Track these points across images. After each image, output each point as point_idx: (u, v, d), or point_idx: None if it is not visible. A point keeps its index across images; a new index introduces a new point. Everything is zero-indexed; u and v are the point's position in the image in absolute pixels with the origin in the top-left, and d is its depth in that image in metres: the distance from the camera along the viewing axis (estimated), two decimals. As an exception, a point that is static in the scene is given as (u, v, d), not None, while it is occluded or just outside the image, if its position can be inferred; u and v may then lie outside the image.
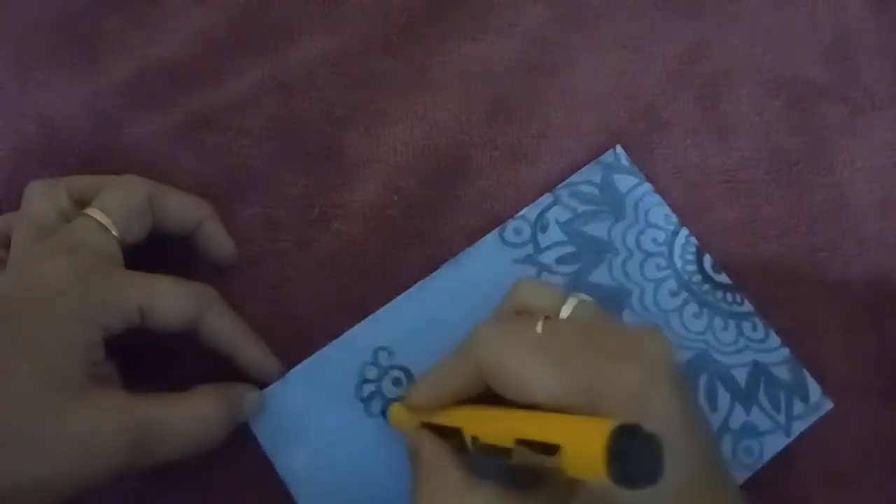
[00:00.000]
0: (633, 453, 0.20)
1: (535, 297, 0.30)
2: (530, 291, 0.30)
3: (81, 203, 0.31)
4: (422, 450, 0.29)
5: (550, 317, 0.29)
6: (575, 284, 0.36)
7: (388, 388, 0.34)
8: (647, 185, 0.37)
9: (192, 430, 0.29)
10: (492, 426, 0.27)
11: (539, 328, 0.28)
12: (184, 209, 0.33)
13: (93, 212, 0.30)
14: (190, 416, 0.29)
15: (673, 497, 0.24)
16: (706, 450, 0.26)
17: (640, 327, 0.33)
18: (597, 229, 0.37)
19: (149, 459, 0.27)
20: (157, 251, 0.33)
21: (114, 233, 0.30)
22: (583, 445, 0.21)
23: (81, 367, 0.27)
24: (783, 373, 0.35)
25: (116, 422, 0.27)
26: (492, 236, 0.36)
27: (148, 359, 0.31)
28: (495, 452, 0.26)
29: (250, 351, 0.32)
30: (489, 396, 0.28)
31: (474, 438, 0.27)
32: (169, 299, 0.30)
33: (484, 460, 0.27)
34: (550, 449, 0.23)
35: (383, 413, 0.33)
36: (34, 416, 0.25)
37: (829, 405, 0.35)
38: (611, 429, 0.20)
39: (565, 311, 0.29)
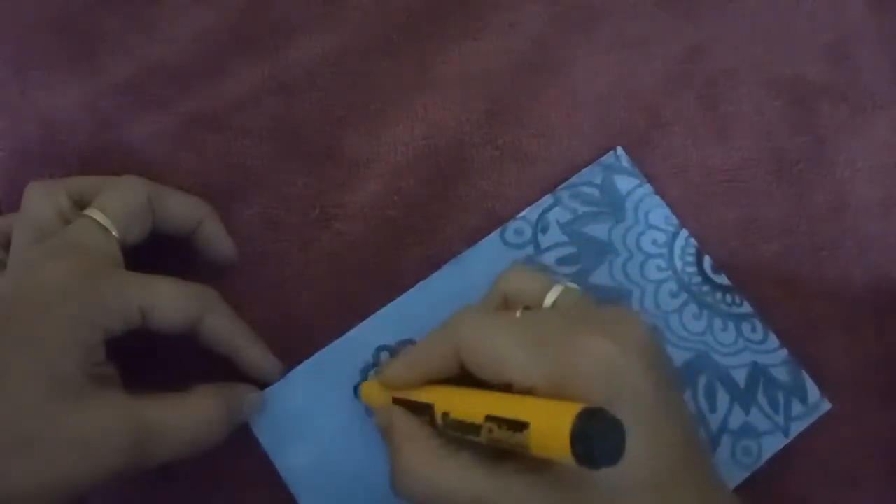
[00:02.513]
0: (596, 435, 0.21)
1: (522, 283, 0.30)
2: (517, 278, 0.31)
3: (81, 204, 0.31)
4: (396, 423, 0.29)
5: (534, 304, 0.29)
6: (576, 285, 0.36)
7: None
8: (648, 187, 0.37)
9: (193, 431, 0.29)
10: (463, 403, 0.27)
11: (518, 313, 0.28)
12: (184, 209, 0.33)
13: (92, 213, 0.30)
14: (190, 416, 0.29)
15: (650, 475, 0.25)
16: (685, 433, 0.26)
17: (616, 308, 0.34)
18: (597, 230, 0.37)
19: (149, 460, 0.27)
20: (157, 251, 0.33)
21: (114, 233, 0.30)
22: (550, 426, 0.22)
23: (82, 368, 0.27)
24: (782, 374, 0.35)
25: (117, 423, 0.27)
26: (493, 237, 0.36)
27: (148, 359, 0.31)
28: (464, 429, 0.26)
29: (251, 351, 0.32)
30: (462, 381, 0.28)
31: (444, 414, 0.27)
32: (169, 300, 0.30)
33: (456, 437, 0.27)
34: (519, 426, 0.23)
35: (355, 391, 0.33)
36: (34, 417, 0.25)
37: (827, 406, 0.35)
38: (577, 412, 0.22)
39: (550, 298, 0.29)
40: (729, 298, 0.36)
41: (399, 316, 0.35)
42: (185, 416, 0.29)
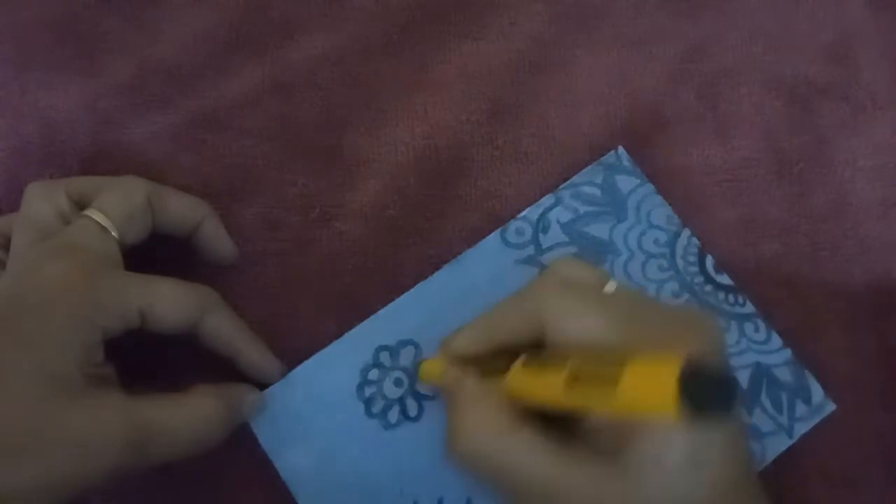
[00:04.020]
0: (706, 384, 0.19)
1: (579, 273, 0.29)
2: (573, 268, 0.30)
3: (81, 204, 0.31)
4: (465, 386, 0.28)
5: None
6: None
7: (390, 389, 0.34)
8: (649, 186, 0.37)
9: (192, 430, 0.29)
10: (541, 376, 0.25)
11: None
12: (183, 210, 0.33)
13: (92, 213, 0.30)
14: (189, 416, 0.29)
15: (723, 484, 0.24)
16: (749, 451, 0.26)
17: (695, 309, 0.34)
18: (599, 230, 0.37)
19: (148, 460, 0.27)
20: (157, 251, 0.32)
21: (113, 234, 0.30)
22: (651, 373, 0.20)
23: (81, 368, 0.27)
24: (785, 374, 0.35)
25: (115, 423, 0.26)
26: (493, 237, 0.36)
27: (148, 359, 0.31)
28: (550, 366, 0.25)
29: (251, 352, 0.32)
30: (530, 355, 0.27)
31: (528, 357, 0.26)
32: (169, 301, 0.29)
33: (527, 411, 0.26)
34: (608, 383, 0.21)
35: (416, 367, 0.33)
36: (34, 417, 0.25)
37: (831, 407, 0.35)
38: (683, 358, 0.19)
39: (610, 288, 0.28)
40: (731, 299, 0.36)
41: (399, 316, 0.35)
42: (185, 416, 0.29)
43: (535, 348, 0.28)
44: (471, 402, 0.28)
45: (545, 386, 0.25)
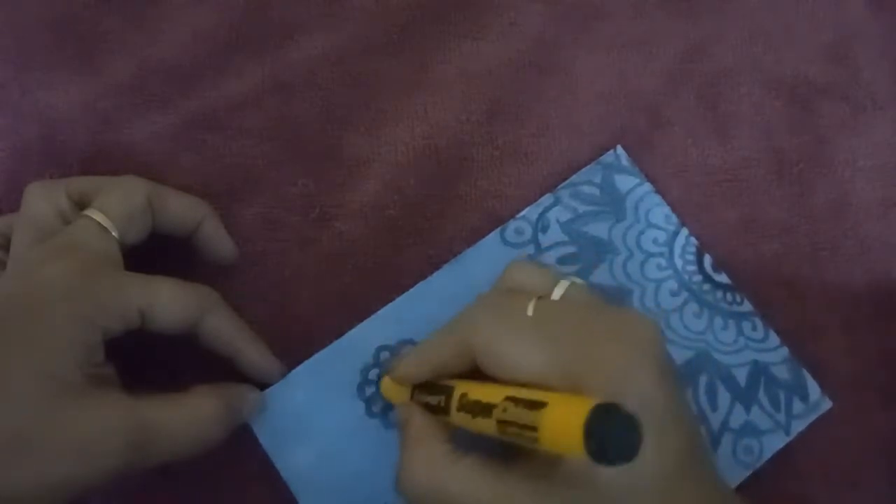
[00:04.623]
0: (610, 431, 0.21)
1: (528, 278, 0.30)
2: (523, 273, 0.30)
3: (81, 204, 0.31)
4: (410, 421, 0.30)
5: (542, 298, 0.29)
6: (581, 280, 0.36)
7: (390, 389, 0.34)
8: (648, 186, 0.37)
9: (192, 431, 0.29)
10: (482, 389, 0.27)
11: (530, 310, 0.28)
12: (183, 209, 0.33)
13: (92, 213, 0.30)
14: (188, 416, 0.29)
15: (658, 480, 0.25)
16: (691, 437, 0.26)
17: (629, 310, 0.34)
18: (598, 229, 0.37)
19: (147, 460, 0.27)
20: (157, 251, 0.32)
21: (113, 234, 0.30)
22: (563, 421, 0.22)
23: (80, 368, 0.27)
24: (783, 372, 0.35)
25: (115, 423, 0.26)
26: (493, 236, 0.36)
27: (148, 359, 0.31)
28: (480, 409, 0.26)
29: (251, 352, 0.32)
30: (473, 377, 0.28)
31: (463, 395, 0.27)
32: (169, 301, 0.29)
33: (469, 439, 0.27)
34: (535, 405, 0.23)
35: (379, 379, 0.34)
36: (33, 418, 0.25)
37: (828, 404, 0.35)
38: (591, 406, 0.21)
39: (557, 293, 0.29)
40: (729, 297, 0.36)
41: (399, 316, 0.35)
42: (185, 417, 0.29)
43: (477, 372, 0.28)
44: (416, 438, 0.29)
45: (481, 426, 0.26)
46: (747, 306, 0.36)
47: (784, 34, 0.41)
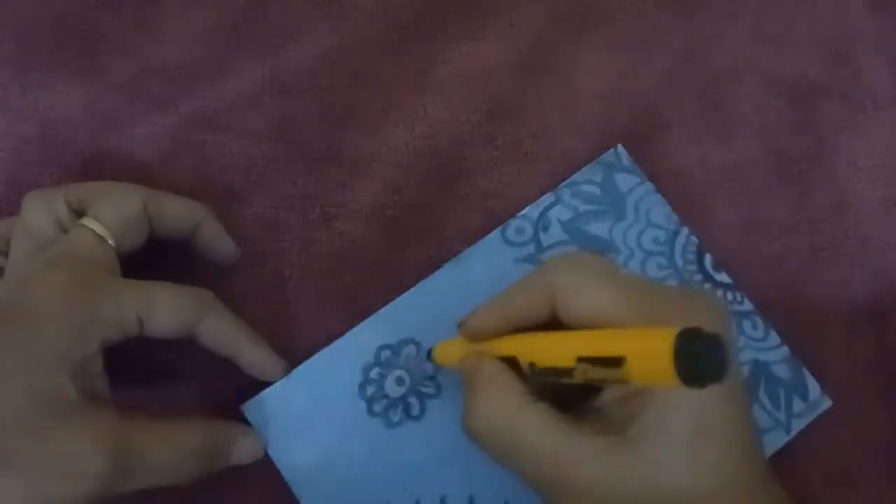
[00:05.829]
0: (700, 353, 0.20)
1: (589, 258, 0.30)
2: (583, 254, 0.31)
3: (80, 211, 0.31)
4: (482, 368, 0.29)
5: None
6: None
7: (392, 388, 0.34)
8: (648, 185, 0.37)
9: (177, 463, 0.28)
10: (551, 348, 0.27)
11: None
12: (181, 214, 0.33)
13: (89, 222, 0.30)
14: (177, 446, 0.28)
15: (723, 424, 0.25)
16: (749, 411, 0.27)
17: (701, 289, 0.36)
18: (598, 228, 0.37)
19: (129, 485, 0.27)
20: (156, 255, 0.32)
21: (110, 242, 0.30)
22: (649, 351, 0.22)
23: (74, 382, 0.26)
24: (783, 371, 0.35)
25: (99, 446, 0.26)
26: (493, 235, 0.36)
27: (147, 360, 0.31)
28: (556, 374, 0.26)
29: (252, 351, 0.32)
30: (547, 328, 0.28)
31: (531, 364, 0.27)
32: (167, 306, 0.29)
33: (541, 387, 0.27)
34: (614, 362, 0.23)
35: (428, 355, 0.33)
36: (18, 436, 0.25)
37: (827, 403, 0.35)
38: (677, 332, 0.21)
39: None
40: (730, 296, 0.36)
41: (399, 316, 0.35)
42: (173, 446, 0.28)
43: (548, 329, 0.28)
44: (486, 382, 0.28)
45: (559, 358, 0.26)
46: (748, 305, 0.36)
47: (784, 34, 0.41)
